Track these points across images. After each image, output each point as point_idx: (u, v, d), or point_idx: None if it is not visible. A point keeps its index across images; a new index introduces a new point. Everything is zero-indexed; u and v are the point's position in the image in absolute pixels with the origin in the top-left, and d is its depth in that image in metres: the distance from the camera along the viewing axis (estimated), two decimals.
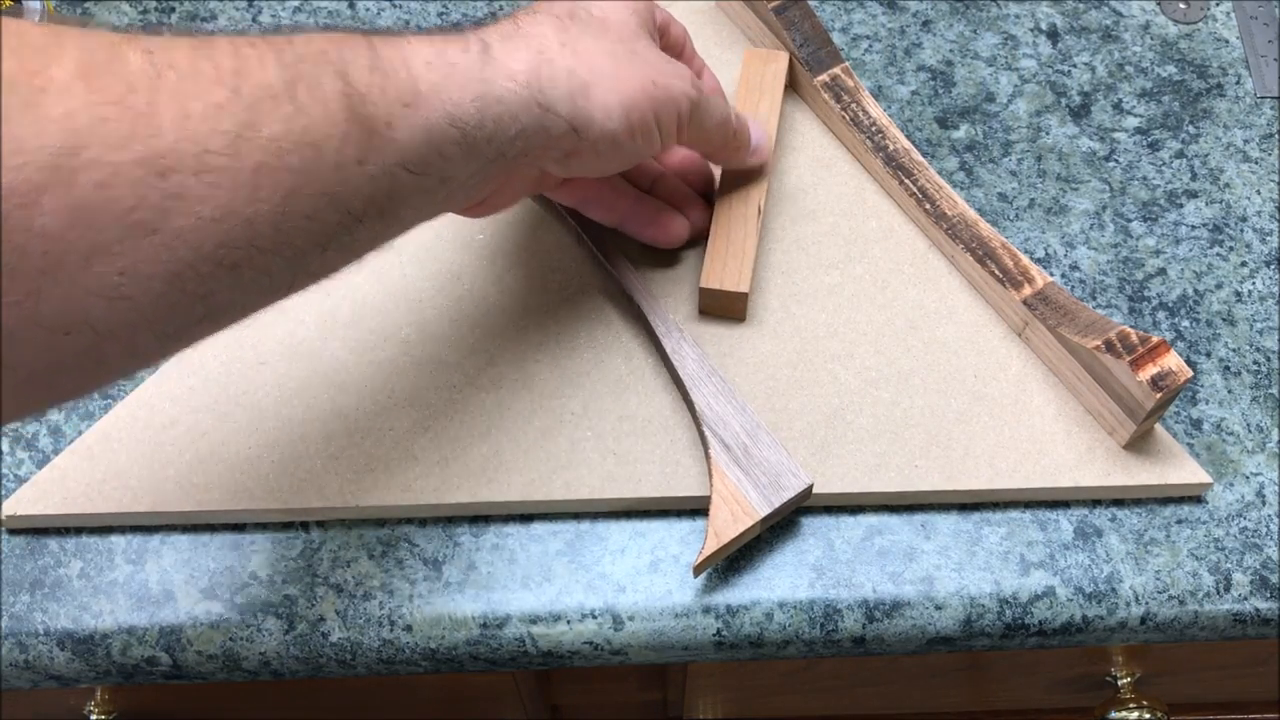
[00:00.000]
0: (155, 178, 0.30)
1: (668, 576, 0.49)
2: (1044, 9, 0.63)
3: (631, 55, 0.45)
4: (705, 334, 0.52)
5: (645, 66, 0.45)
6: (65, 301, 0.30)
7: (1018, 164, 0.59)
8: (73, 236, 0.29)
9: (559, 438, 0.50)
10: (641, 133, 0.45)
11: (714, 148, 0.50)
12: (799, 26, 0.57)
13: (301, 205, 0.34)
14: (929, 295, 0.53)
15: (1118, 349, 0.47)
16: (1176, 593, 0.49)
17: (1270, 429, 0.52)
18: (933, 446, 0.50)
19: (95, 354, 0.31)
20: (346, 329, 0.52)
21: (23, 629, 0.47)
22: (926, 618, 0.48)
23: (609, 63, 0.44)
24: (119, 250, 0.30)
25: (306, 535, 0.49)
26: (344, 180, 0.35)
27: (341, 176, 0.35)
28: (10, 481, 0.50)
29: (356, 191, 0.36)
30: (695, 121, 0.47)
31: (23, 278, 0.29)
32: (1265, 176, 0.58)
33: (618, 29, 0.45)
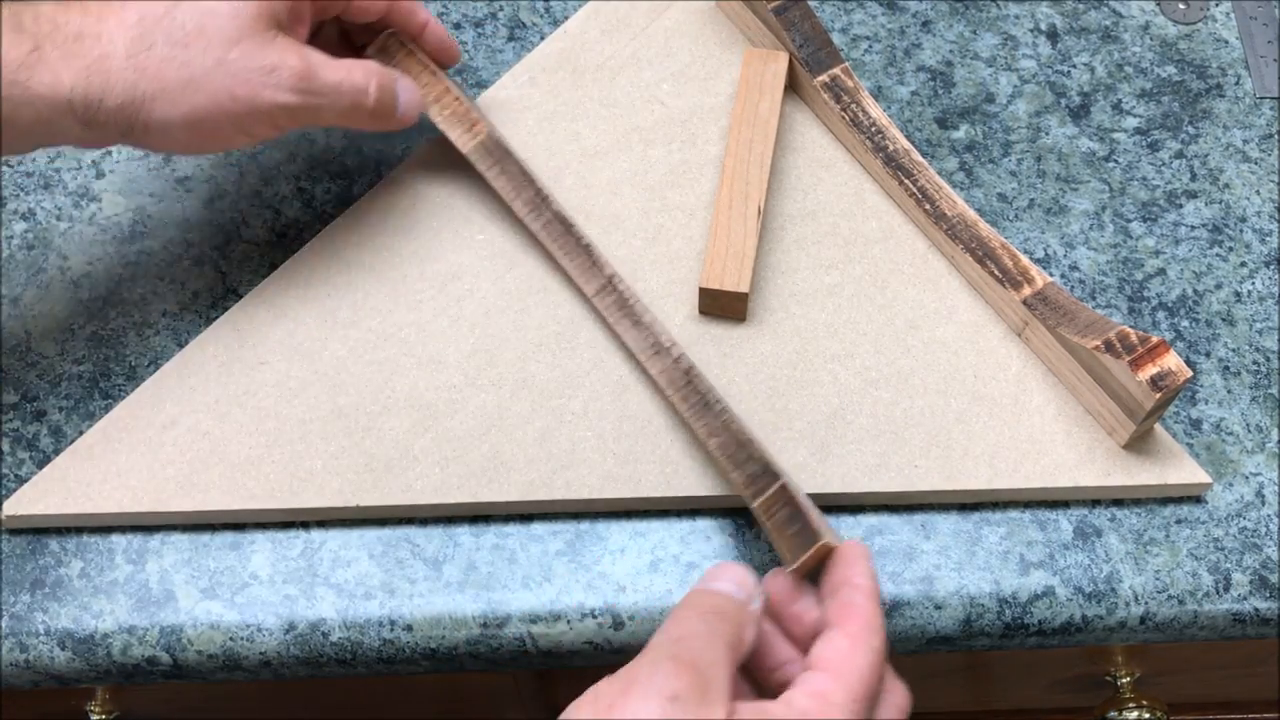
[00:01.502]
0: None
1: (668, 576, 0.49)
2: (1044, 9, 0.63)
3: (216, 65, 0.45)
4: (705, 334, 0.52)
5: (227, 78, 0.45)
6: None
7: (1017, 164, 0.59)
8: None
9: (559, 438, 0.50)
10: (216, 139, 0.47)
11: (357, 122, 0.50)
12: (799, 27, 0.57)
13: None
14: (929, 295, 0.53)
15: (1117, 349, 0.47)
16: (1176, 592, 0.49)
17: (1270, 429, 0.52)
18: (932, 446, 0.50)
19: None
20: (346, 329, 0.52)
21: (23, 629, 0.47)
22: (926, 617, 0.48)
23: (180, 75, 0.44)
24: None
25: (306, 535, 0.49)
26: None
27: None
28: (10, 481, 0.50)
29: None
30: (309, 116, 0.48)
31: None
32: (1265, 177, 0.58)
33: (211, 34, 0.45)
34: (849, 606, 0.39)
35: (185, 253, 0.56)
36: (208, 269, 0.55)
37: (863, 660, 0.37)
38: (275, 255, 0.55)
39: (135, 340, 0.53)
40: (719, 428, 0.47)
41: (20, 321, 0.54)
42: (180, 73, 0.44)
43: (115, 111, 0.44)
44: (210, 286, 0.55)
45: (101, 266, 0.55)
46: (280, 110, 0.47)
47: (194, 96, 0.45)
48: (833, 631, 0.38)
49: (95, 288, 0.54)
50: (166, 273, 0.55)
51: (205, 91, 0.45)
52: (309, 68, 0.47)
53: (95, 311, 0.54)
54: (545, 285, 0.53)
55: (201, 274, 0.55)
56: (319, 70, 0.47)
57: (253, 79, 0.46)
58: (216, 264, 0.55)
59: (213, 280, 0.55)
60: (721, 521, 0.50)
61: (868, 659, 0.37)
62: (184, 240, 0.56)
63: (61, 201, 0.57)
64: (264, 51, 0.46)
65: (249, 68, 0.45)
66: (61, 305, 0.54)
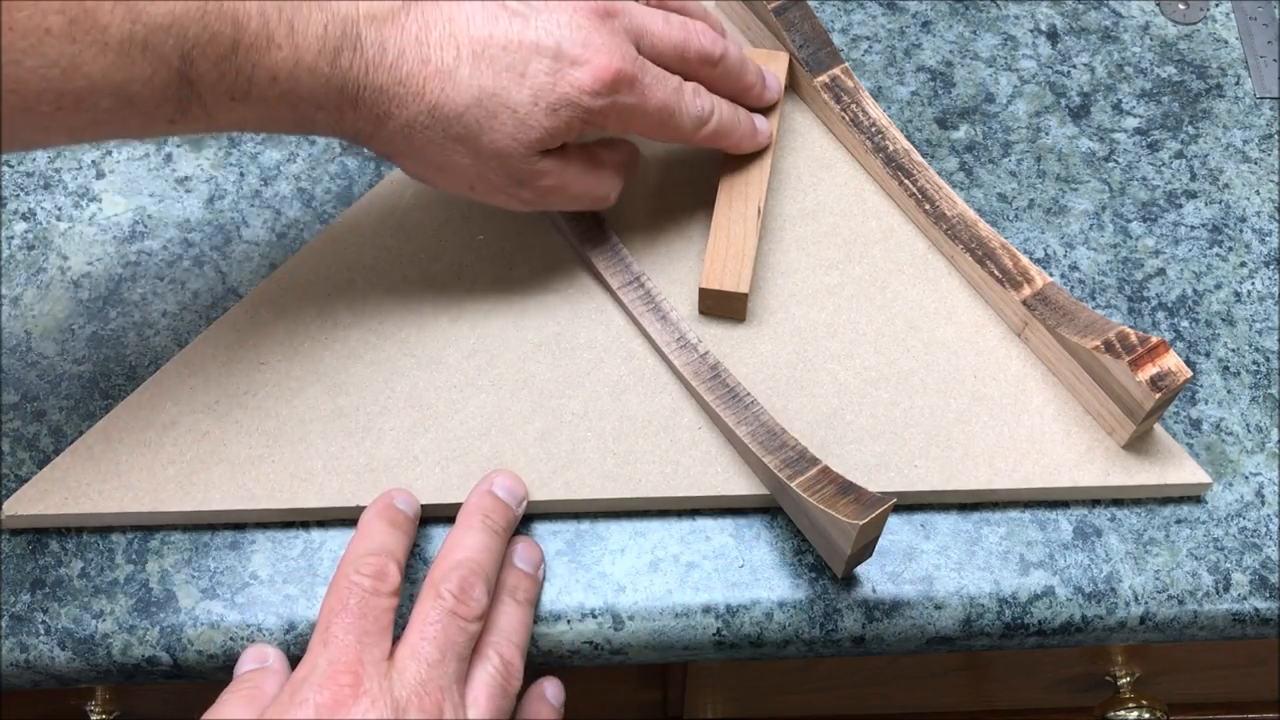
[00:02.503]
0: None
1: (668, 576, 0.49)
2: (1044, 9, 0.63)
3: (472, 164, 0.46)
4: (705, 334, 0.52)
5: (474, 175, 0.46)
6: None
7: (1017, 164, 0.59)
8: None
9: (559, 438, 0.50)
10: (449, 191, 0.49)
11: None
12: (799, 27, 0.57)
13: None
14: (929, 295, 0.53)
15: (1117, 349, 0.47)
16: (1176, 592, 0.49)
17: (1269, 429, 0.52)
18: (932, 446, 0.50)
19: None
20: (346, 329, 0.52)
21: (23, 629, 0.47)
22: (926, 617, 0.48)
23: (438, 159, 0.46)
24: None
25: (306, 535, 0.49)
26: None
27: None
28: (10, 481, 0.50)
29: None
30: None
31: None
32: (1264, 177, 0.59)
33: (483, 143, 0.45)
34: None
35: (185, 253, 0.56)
36: (208, 269, 0.55)
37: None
38: (275, 255, 0.55)
39: (135, 340, 0.53)
40: (749, 417, 0.48)
41: (20, 321, 0.54)
42: (438, 157, 0.46)
43: (368, 138, 0.45)
44: (210, 286, 0.55)
45: (101, 266, 0.55)
46: (511, 208, 0.49)
47: (439, 176, 0.47)
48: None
49: (95, 288, 0.54)
50: (166, 273, 0.55)
51: (450, 175, 0.47)
52: (555, 188, 0.48)
53: (95, 311, 0.54)
54: (545, 285, 0.53)
55: (201, 274, 0.55)
56: (565, 188, 0.48)
57: (496, 185, 0.47)
58: (216, 264, 0.55)
59: (213, 280, 0.55)
60: (721, 521, 0.50)
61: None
62: (184, 240, 0.56)
63: (61, 201, 0.57)
64: (520, 170, 0.46)
65: (499, 177, 0.47)
66: (61, 305, 0.54)
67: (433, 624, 0.42)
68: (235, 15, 0.40)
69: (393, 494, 0.47)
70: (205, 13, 0.39)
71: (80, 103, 0.38)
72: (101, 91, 0.38)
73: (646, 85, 0.47)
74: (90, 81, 0.37)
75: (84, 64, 0.37)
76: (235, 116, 0.42)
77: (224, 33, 0.39)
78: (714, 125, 0.50)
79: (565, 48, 0.44)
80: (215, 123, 0.42)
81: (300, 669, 0.41)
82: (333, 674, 0.40)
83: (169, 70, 0.39)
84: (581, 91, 0.45)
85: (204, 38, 0.39)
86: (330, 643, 0.41)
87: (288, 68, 0.41)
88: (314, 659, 0.41)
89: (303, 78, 0.42)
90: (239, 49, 0.40)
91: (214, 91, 0.40)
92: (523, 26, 0.44)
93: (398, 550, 0.45)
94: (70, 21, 0.36)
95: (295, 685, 0.41)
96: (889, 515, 0.44)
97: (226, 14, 0.39)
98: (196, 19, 0.39)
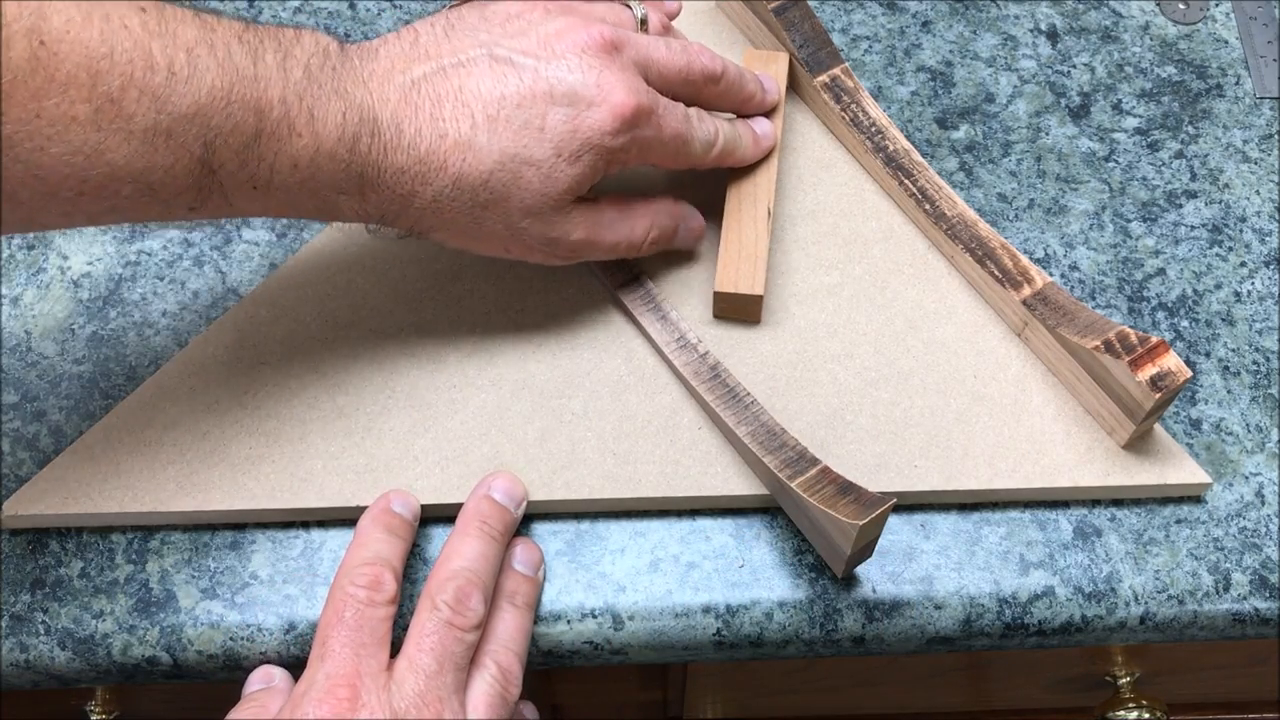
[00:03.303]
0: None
1: (668, 576, 0.49)
2: (1044, 9, 0.63)
3: (504, 227, 0.45)
4: (706, 334, 0.52)
5: (507, 237, 0.46)
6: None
7: (1017, 164, 0.59)
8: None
9: (559, 438, 0.50)
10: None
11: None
12: (799, 27, 0.57)
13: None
14: (928, 295, 0.53)
15: (1117, 349, 0.47)
16: (1176, 592, 0.49)
17: (1269, 429, 0.52)
18: (932, 447, 0.50)
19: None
20: (346, 329, 0.52)
21: (23, 629, 0.47)
22: (926, 617, 0.48)
23: (469, 227, 0.45)
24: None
25: (306, 535, 0.49)
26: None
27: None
28: (10, 481, 0.50)
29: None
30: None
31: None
32: (1265, 177, 0.59)
33: (513, 204, 0.45)
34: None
35: (185, 253, 0.56)
36: (208, 269, 0.55)
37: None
38: (275, 255, 0.55)
39: (135, 340, 0.53)
40: (749, 417, 0.48)
41: (20, 321, 0.54)
42: (470, 226, 0.45)
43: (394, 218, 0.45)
44: (210, 286, 0.55)
45: (101, 266, 0.55)
46: (548, 263, 0.49)
47: (473, 243, 0.47)
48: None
49: (95, 288, 0.55)
50: (166, 273, 0.55)
51: (484, 241, 0.46)
52: (589, 239, 0.48)
53: (95, 311, 0.54)
54: (546, 286, 0.53)
55: (201, 274, 0.55)
56: (600, 237, 0.48)
57: (531, 244, 0.47)
58: (216, 264, 0.55)
59: (213, 280, 0.55)
60: (721, 521, 0.50)
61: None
62: (184, 240, 0.56)
63: None
64: (553, 224, 0.46)
65: (532, 236, 0.46)
66: (61, 305, 0.54)
67: (429, 635, 0.42)
68: (258, 104, 0.40)
69: (390, 497, 0.47)
70: (229, 102, 0.39)
71: (102, 189, 0.38)
72: (123, 179, 0.38)
73: (661, 116, 0.47)
74: (112, 169, 0.37)
75: (107, 151, 0.37)
76: (257, 204, 0.42)
77: (247, 121, 0.39)
78: (720, 146, 0.50)
79: (580, 91, 0.44)
80: (235, 209, 0.42)
81: (300, 684, 0.42)
82: (331, 688, 0.40)
83: (191, 159, 0.39)
84: (603, 133, 0.44)
85: (227, 127, 0.39)
86: (328, 657, 0.41)
87: (308, 155, 0.41)
88: (312, 674, 0.41)
89: (323, 164, 0.42)
90: (261, 137, 0.40)
91: (235, 180, 0.40)
92: (533, 79, 0.44)
93: (394, 557, 0.45)
94: (96, 110, 0.36)
95: (295, 701, 0.41)
96: (889, 515, 0.44)
97: (249, 103, 0.39)
98: (220, 108, 0.39)
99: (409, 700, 0.41)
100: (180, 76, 0.38)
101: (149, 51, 0.37)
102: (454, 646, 0.42)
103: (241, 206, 0.42)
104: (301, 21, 0.62)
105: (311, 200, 0.43)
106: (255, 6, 0.62)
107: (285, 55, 0.41)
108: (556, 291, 0.53)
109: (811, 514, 0.46)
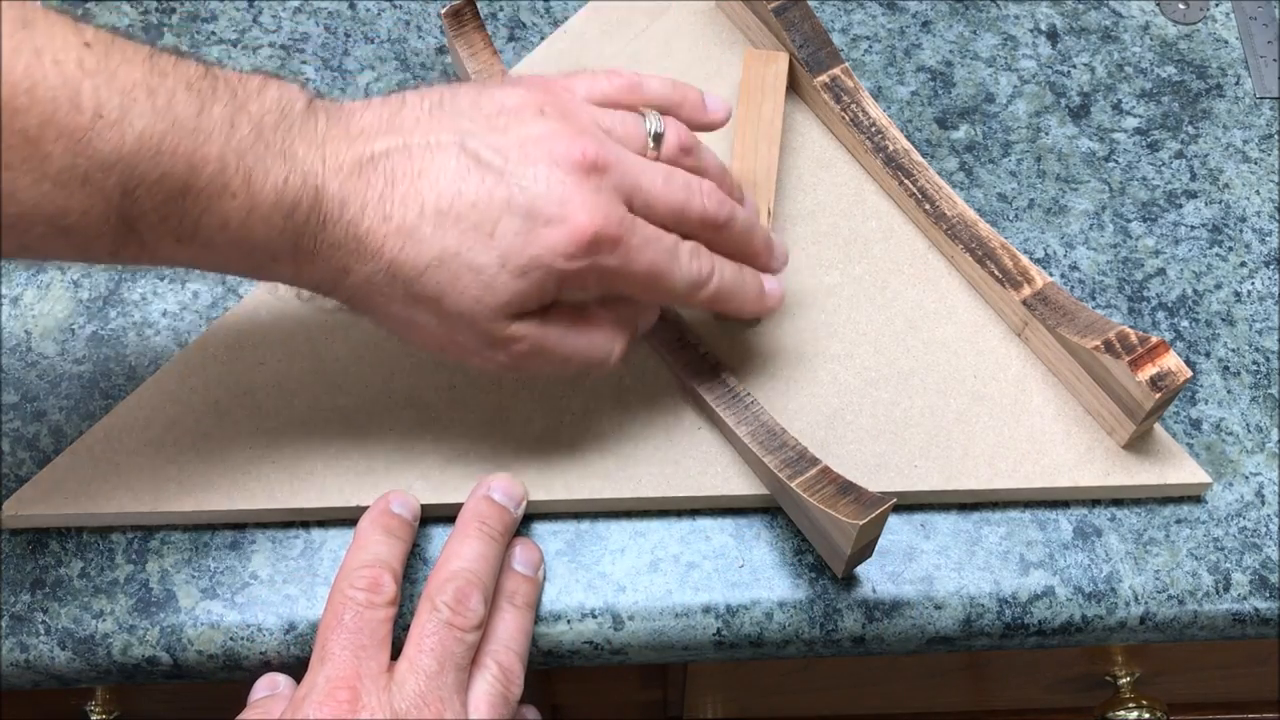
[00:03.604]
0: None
1: (668, 576, 0.49)
2: (1044, 9, 0.63)
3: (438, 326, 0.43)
4: (705, 335, 0.52)
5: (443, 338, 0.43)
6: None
7: (1017, 164, 0.59)
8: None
9: (559, 438, 0.50)
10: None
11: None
12: (799, 27, 0.57)
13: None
14: (929, 295, 0.53)
15: (1117, 349, 0.47)
16: (1176, 592, 0.49)
17: (1269, 429, 0.52)
18: (932, 447, 0.50)
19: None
20: (347, 329, 0.52)
21: (23, 629, 0.47)
22: (926, 617, 0.48)
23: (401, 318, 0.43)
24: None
25: (306, 535, 0.49)
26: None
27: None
28: (10, 481, 0.50)
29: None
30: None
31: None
32: (1264, 177, 0.59)
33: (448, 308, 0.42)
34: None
35: None
36: None
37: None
38: None
39: (135, 340, 0.53)
40: (749, 417, 0.48)
41: (20, 321, 0.54)
42: (403, 317, 0.43)
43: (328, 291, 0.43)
44: (210, 286, 0.55)
45: (101, 266, 0.55)
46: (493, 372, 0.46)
47: (406, 334, 0.44)
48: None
49: (95, 288, 0.55)
50: (166, 273, 0.55)
51: (419, 336, 0.44)
52: (535, 353, 0.44)
53: (95, 311, 0.54)
54: None
55: (201, 274, 0.55)
56: (548, 352, 0.44)
57: (468, 348, 0.44)
58: None
59: (213, 280, 0.55)
60: (721, 521, 0.50)
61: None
62: None
63: None
64: (492, 332, 0.43)
65: (469, 339, 0.43)
66: (61, 305, 0.54)
67: (429, 636, 0.42)
68: (191, 159, 0.38)
69: (390, 498, 0.47)
70: (159, 152, 0.37)
71: (11, 228, 0.37)
72: (33, 220, 0.36)
73: (633, 247, 0.42)
74: (22, 209, 0.36)
75: (18, 191, 0.36)
76: (181, 257, 0.40)
77: (175, 173, 0.38)
78: (714, 288, 0.46)
79: (539, 206, 0.41)
80: (159, 259, 0.40)
81: (300, 688, 0.42)
82: (331, 691, 0.40)
83: (108, 205, 0.37)
84: (555, 254, 0.41)
85: (152, 176, 0.37)
86: (327, 659, 0.41)
87: (240, 216, 0.39)
88: (313, 678, 0.41)
89: (256, 226, 0.39)
90: (190, 192, 0.38)
91: (155, 231, 0.38)
92: (495, 183, 0.41)
93: (393, 559, 0.45)
94: (8, 148, 0.35)
95: (296, 704, 0.41)
96: (889, 515, 0.44)
97: (181, 156, 0.37)
98: (148, 157, 0.37)
99: (410, 701, 0.41)
100: (108, 120, 0.36)
101: (77, 92, 0.36)
102: (454, 647, 0.42)
103: (165, 256, 0.40)
104: (301, 21, 0.62)
105: (244, 261, 0.41)
106: (255, 7, 0.62)
107: (238, 109, 0.39)
108: None
109: (811, 514, 0.46)
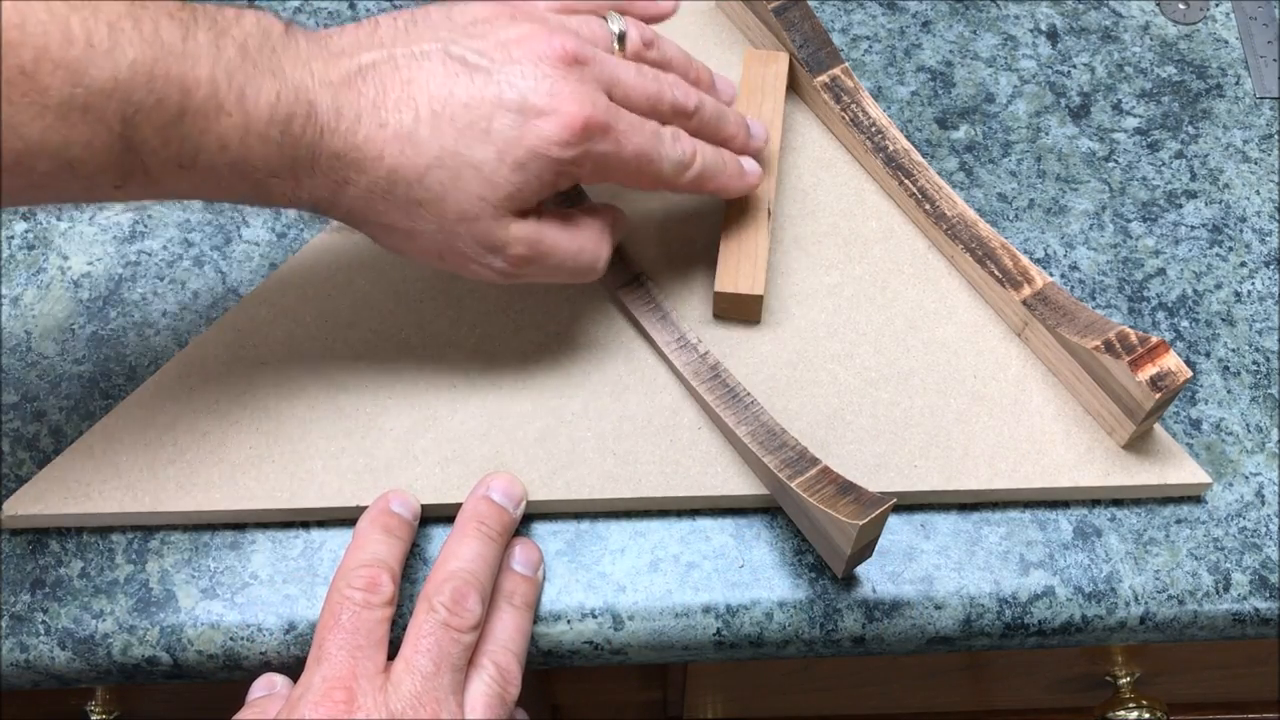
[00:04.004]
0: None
1: (668, 576, 0.49)
2: (1044, 9, 0.63)
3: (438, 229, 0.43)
4: (706, 334, 0.52)
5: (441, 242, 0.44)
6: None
7: (1017, 164, 0.59)
8: None
9: (559, 438, 0.50)
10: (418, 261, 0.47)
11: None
12: (799, 27, 0.57)
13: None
14: (929, 295, 0.53)
15: (1117, 349, 0.47)
16: (1176, 592, 0.49)
17: (1269, 429, 0.52)
18: (932, 447, 0.50)
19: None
20: (346, 329, 0.52)
21: (23, 629, 0.47)
22: (926, 617, 0.48)
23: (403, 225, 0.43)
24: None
25: (306, 535, 0.49)
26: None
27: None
28: (10, 481, 0.50)
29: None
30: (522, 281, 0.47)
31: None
32: (1265, 177, 0.59)
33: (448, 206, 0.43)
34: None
35: (185, 253, 0.56)
36: (208, 269, 0.55)
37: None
38: (275, 255, 0.55)
39: (135, 340, 0.53)
40: (749, 417, 0.48)
41: (20, 321, 0.54)
42: (402, 224, 0.44)
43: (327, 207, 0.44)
44: (210, 286, 0.55)
45: (101, 266, 0.55)
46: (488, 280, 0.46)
47: (406, 244, 0.45)
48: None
49: (95, 288, 0.55)
50: (166, 273, 0.55)
51: (418, 245, 0.44)
52: (533, 255, 0.45)
53: (95, 311, 0.54)
54: (545, 285, 0.53)
55: (201, 274, 0.55)
56: (544, 255, 0.45)
57: (467, 254, 0.44)
58: (216, 264, 0.55)
59: (213, 280, 0.55)
60: (721, 521, 0.50)
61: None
62: (184, 240, 0.56)
63: None
64: (491, 233, 0.44)
65: (469, 244, 0.44)
66: (61, 305, 0.54)
67: (426, 636, 0.42)
68: (183, 81, 0.38)
69: (390, 497, 0.47)
70: (152, 78, 0.38)
71: (17, 165, 0.37)
72: (38, 154, 0.37)
73: (621, 132, 0.44)
74: (27, 144, 0.37)
75: (20, 126, 0.36)
76: (185, 185, 0.41)
77: (170, 98, 0.38)
78: (697, 169, 0.48)
79: (531, 99, 0.42)
80: (162, 189, 0.41)
81: (296, 688, 0.42)
82: (327, 691, 0.40)
83: (110, 134, 0.38)
84: (550, 143, 0.42)
85: (149, 103, 0.38)
86: (324, 659, 0.41)
87: (238, 135, 0.40)
88: (309, 678, 0.41)
89: (254, 145, 0.40)
90: (186, 115, 0.39)
91: (158, 158, 0.39)
92: (484, 82, 0.42)
93: (391, 559, 0.45)
94: (7, 83, 0.35)
95: (292, 704, 0.41)
96: (889, 515, 0.44)
97: (174, 79, 0.38)
98: (142, 84, 0.38)
99: (406, 701, 0.41)
100: (99, 49, 0.37)
101: (67, 24, 0.36)
102: (451, 647, 0.42)
103: (169, 186, 0.41)
104: (301, 21, 0.62)
105: (242, 182, 0.42)
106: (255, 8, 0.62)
107: (220, 34, 0.40)
108: (557, 291, 0.53)
109: (811, 514, 0.46)
